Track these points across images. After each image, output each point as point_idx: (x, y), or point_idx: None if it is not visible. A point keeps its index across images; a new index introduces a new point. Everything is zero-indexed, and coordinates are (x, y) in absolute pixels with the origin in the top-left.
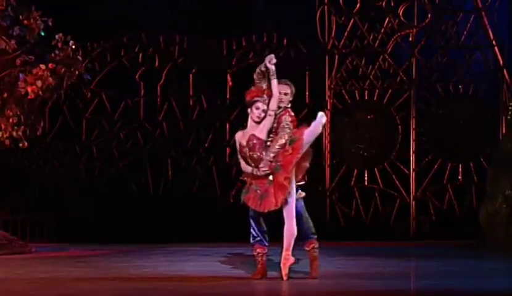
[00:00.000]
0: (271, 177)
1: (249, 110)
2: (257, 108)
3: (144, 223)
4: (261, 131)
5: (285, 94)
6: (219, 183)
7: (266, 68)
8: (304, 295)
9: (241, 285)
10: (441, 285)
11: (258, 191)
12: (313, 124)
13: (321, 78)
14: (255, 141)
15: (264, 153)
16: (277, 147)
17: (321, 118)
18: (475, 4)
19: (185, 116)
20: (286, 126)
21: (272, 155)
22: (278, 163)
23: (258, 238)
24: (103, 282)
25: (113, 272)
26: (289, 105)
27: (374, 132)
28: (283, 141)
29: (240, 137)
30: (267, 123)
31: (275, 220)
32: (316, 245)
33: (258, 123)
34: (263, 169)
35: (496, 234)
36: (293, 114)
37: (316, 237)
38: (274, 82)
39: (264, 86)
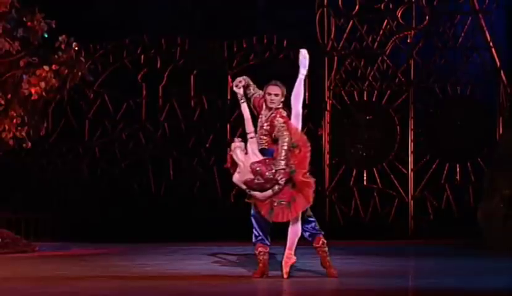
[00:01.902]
0: (291, 184)
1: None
2: (234, 144)
3: (146, 222)
4: (254, 156)
5: (276, 94)
6: (220, 183)
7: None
8: (304, 294)
9: (242, 283)
10: (440, 283)
11: (283, 202)
12: (293, 102)
13: (320, 79)
14: (259, 165)
15: (273, 166)
16: (283, 153)
17: (303, 60)
18: (473, 6)
19: (187, 117)
20: (282, 129)
21: (283, 162)
22: (292, 166)
23: (260, 237)
24: (105, 281)
25: (115, 270)
26: (280, 106)
27: (373, 132)
28: (286, 145)
29: (240, 177)
30: (253, 146)
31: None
32: (325, 241)
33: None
34: (281, 178)
35: (493, 233)
36: (284, 114)
37: (323, 233)
38: (243, 105)
39: (250, 90)
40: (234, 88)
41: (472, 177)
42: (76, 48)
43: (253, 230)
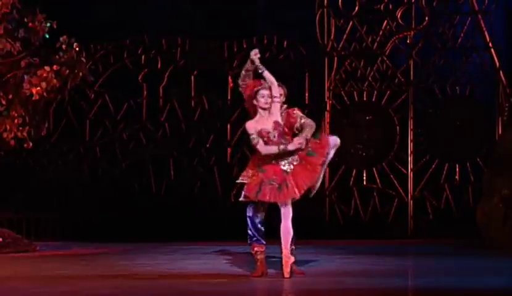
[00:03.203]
0: (287, 168)
1: (254, 101)
2: (263, 96)
3: (146, 222)
4: (278, 117)
5: (279, 94)
6: (220, 183)
7: (253, 62)
8: (304, 293)
9: (242, 283)
10: (439, 283)
11: (274, 183)
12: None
13: (320, 80)
14: (280, 129)
15: (283, 141)
16: (306, 133)
17: (336, 140)
18: (472, 6)
19: (187, 117)
20: (303, 118)
21: (308, 134)
22: (310, 149)
23: (255, 238)
24: (105, 280)
25: (115, 270)
26: (284, 106)
27: (373, 132)
28: (311, 130)
29: (254, 125)
30: (277, 110)
31: (272, 220)
32: (294, 247)
33: (266, 109)
34: (299, 142)
35: (492, 233)
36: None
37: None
38: (266, 72)
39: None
40: (252, 56)
41: (471, 177)
42: (77, 48)
43: (248, 231)
